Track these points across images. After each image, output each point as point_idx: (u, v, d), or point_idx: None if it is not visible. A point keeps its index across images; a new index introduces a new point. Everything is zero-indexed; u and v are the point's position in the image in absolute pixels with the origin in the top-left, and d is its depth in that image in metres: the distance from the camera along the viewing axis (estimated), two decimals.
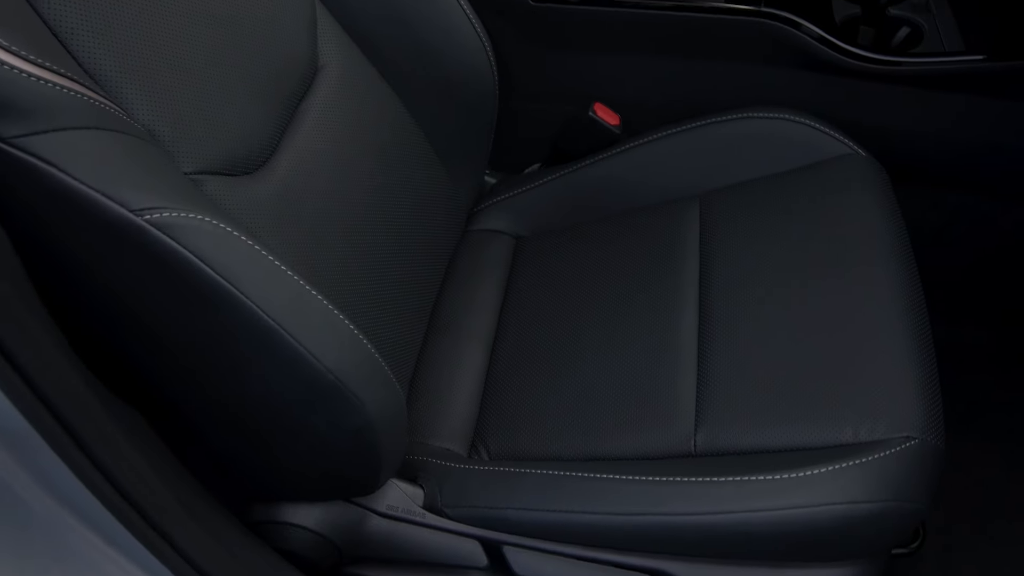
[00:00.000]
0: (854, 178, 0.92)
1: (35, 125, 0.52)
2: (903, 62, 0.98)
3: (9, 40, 0.51)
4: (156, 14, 0.65)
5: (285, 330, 0.57)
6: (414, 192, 0.92)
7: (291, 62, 0.79)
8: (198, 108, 0.67)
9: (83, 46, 0.60)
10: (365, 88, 0.88)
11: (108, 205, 0.52)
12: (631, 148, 1.03)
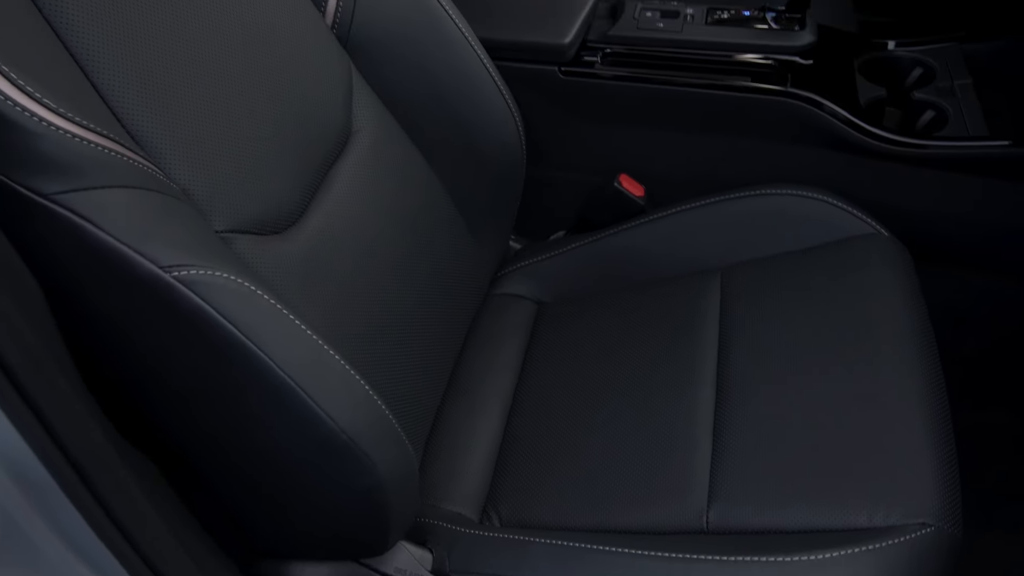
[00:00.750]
0: (876, 258, 0.92)
1: (76, 183, 0.54)
2: (928, 145, 0.99)
3: (57, 103, 0.54)
4: (200, 81, 0.68)
5: (301, 388, 0.58)
6: (439, 256, 0.93)
7: (326, 127, 0.82)
8: (233, 169, 0.69)
9: (128, 109, 0.63)
10: (396, 154, 0.90)
11: (139, 261, 0.54)
12: (655, 219, 1.04)
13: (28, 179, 0.53)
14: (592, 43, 1.08)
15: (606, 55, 1.07)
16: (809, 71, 1.03)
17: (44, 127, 0.53)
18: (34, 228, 0.55)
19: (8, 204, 0.53)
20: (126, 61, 0.63)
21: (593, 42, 1.08)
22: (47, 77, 0.55)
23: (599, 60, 1.06)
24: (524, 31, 1.06)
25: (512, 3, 1.10)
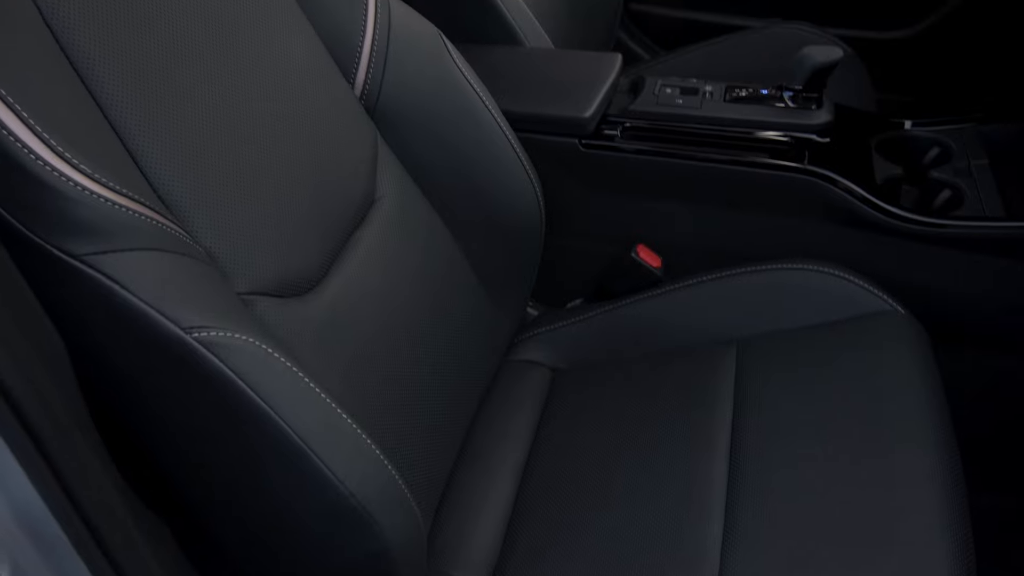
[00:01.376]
0: (893, 336, 0.92)
1: (106, 245, 0.56)
2: (944, 224, 0.99)
3: (93, 168, 0.57)
4: (231, 147, 0.71)
5: (312, 451, 0.59)
6: (457, 321, 0.95)
7: (350, 194, 0.84)
8: (258, 234, 0.72)
9: (160, 174, 0.65)
10: (417, 221, 0.93)
11: (162, 322, 0.56)
12: (672, 290, 1.05)
13: (61, 240, 0.55)
14: (612, 117, 1.10)
15: (626, 129, 1.09)
16: (826, 149, 1.05)
17: (79, 192, 0.56)
18: (62, 287, 0.57)
19: (39, 263, 0.56)
20: (161, 129, 0.66)
21: (614, 116, 1.10)
22: (84, 143, 0.58)
23: (619, 134, 1.09)
24: (546, 104, 1.09)
25: (535, 77, 1.14)
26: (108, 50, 0.64)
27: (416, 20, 0.94)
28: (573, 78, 1.13)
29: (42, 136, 0.55)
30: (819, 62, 1.03)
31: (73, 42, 0.63)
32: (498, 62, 1.14)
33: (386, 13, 0.90)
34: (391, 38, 0.90)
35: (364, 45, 0.88)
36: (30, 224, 0.56)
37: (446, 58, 0.93)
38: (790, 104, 1.07)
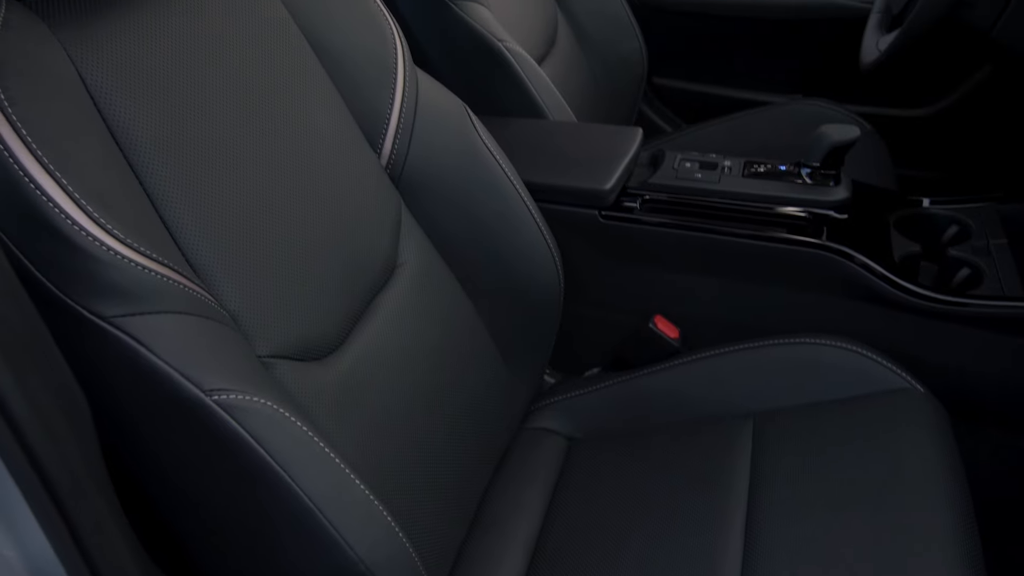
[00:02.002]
0: (911, 413, 0.92)
1: (134, 307, 0.58)
2: (963, 303, 0.99)
3: (125, 233, 0.59)
4: (259, 214, 0.74)
5: (324, 515, 0.59)
6: (474, 388, 0.95)
7: (374, 261, 0.86)
8: (281, 299, 0.74)
9: (189, 239, 0.68)
10: (437, 287, 0.94)
11: (183, 384, 0.58)
12: (689, 362, 1.05)
13: (90, 302, 0.57)
14: (632, 190, 1.12)
15: (645, 201, 1.11)
16: (844, 225, 1.06)
17: (111, 255, 0.58)
18: (88, 346, 0.59)
19: (68, 322, 0.58)
20: (192, 196, 0.69)
21: (633, 189, 1.12)
22: (119, 209, 0.61)
23: (638, 206, 1.10)
24: (567, 176, 1.11)
25: (557, 149, 1.16)
26: (146, 120, 0.67)
27: (442, 94, 0.97)
28: (594, 151, 1.15)
29: (79, 202, 0.57)
30: (836, 140, 1.05)
31: (113, 112, 0.66)
32: (521, 134, 1.17)
33: (414, 86, 0.93)
34: (418, 111, 0.93)
35: (392, 117, 0.91)
36: (62, 285, 0.58)
37: (470, 131, 0.96)
38: (808, 180, 1.09)
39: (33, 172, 0.57)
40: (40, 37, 0.63)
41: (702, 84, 1.84)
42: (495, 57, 1.22)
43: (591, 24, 1.57)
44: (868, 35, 1.29)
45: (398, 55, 0.92)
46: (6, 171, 0.56)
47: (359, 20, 0.91)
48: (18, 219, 0.57)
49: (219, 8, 0.77)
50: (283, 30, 0.84)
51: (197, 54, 0.74)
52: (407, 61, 0.93)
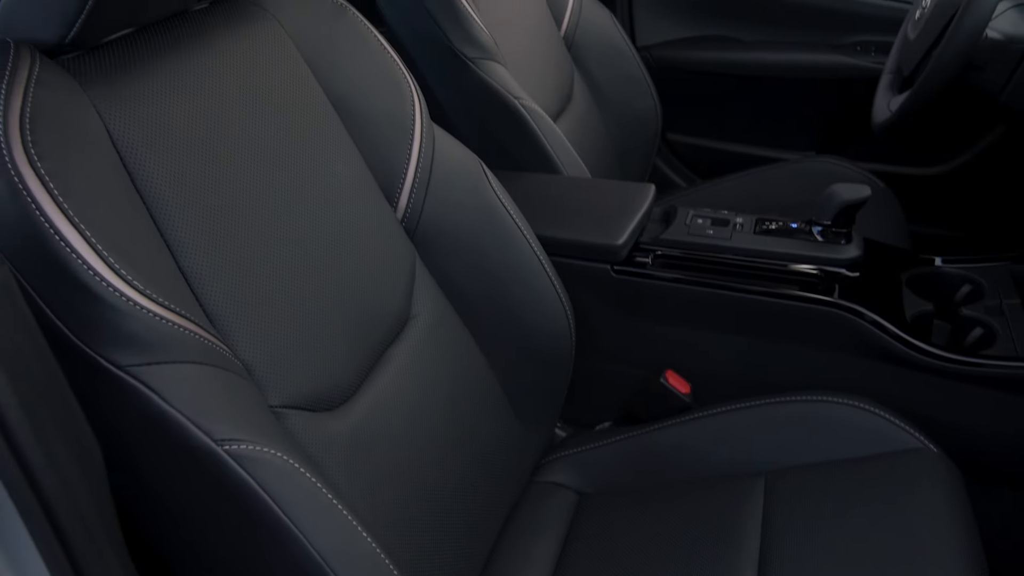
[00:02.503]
0: (924, 474, 0.91)
1: (151, 357, 0.60)
2: (976, 363, 0.99)
3: (145, 284, 0.61)
4: (276, 267, 0.75)
5: (330, 567, 0.60)
6: (484, 440, 0.96)
7: (387, 313, 0.87)
8: (295, 350, 0.75)
9: (207, 290, 0.69)
10: (449, 339, 0.95)
11: (195, 433, 0.59)
12: (700, 418, 1.05)
13: (108, 351, 0.59)
14: (644, 245, 1.13)
15: (657, 257, 1.12)
16: (856, 283, 1.06)
17: (130, 306, 0.59)
18: (103, 393, 0.60)
19: (83, 370, 0.59)
20: (211, 248, 0.70)
21: (646, 244, 1.13)
22: (139, 260, 0.62)
23: (650, 261, 1.11)
24: (580, 231, 1.12)
25: (570, 204, 1.18)
26: (169, 174, 0.70)
27: (458, 149, 0.99)
28: (607, 206, 1.17)
29: (101, 253, 0.59)
30: (847, 199, 1.06)
31: (138, 166, 0.68)
32: (536, 189, 1.19)
33: (430, 143, 0.96)
34: (434, 166, 0.95)
35: (408, 171, 0.93)
36: (81, 333, 0.59)
37: (485, 186, 0.98)
38: (819, 238, 1.10)
39: (58, 223, 0.59)
40: (71, 94, 0.66)
41: (716, 140, 1.86)
42: (511, 114, 1.24)
43: (606, 82, 1.60)
44: (879, 95, 1.30)
45: (416, 112, 0.94)
46: (32, 222, 0.58)
47: (379, 78, 0.93)
48: (41, 268, 0.59)
49: (243, 65, 0.80)
50: (304, 87, 0.86)
51: (220, 109, 0.76)
52: (424, 118, 0.95)
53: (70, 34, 0.65)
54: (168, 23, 0.77)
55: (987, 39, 1.09)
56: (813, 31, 1.73)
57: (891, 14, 1.64)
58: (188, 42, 0.77)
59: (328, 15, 0.91)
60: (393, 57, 0.95)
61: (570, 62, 1.54)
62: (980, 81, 1.12)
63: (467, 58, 1.23)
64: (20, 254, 0.59)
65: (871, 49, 1.67)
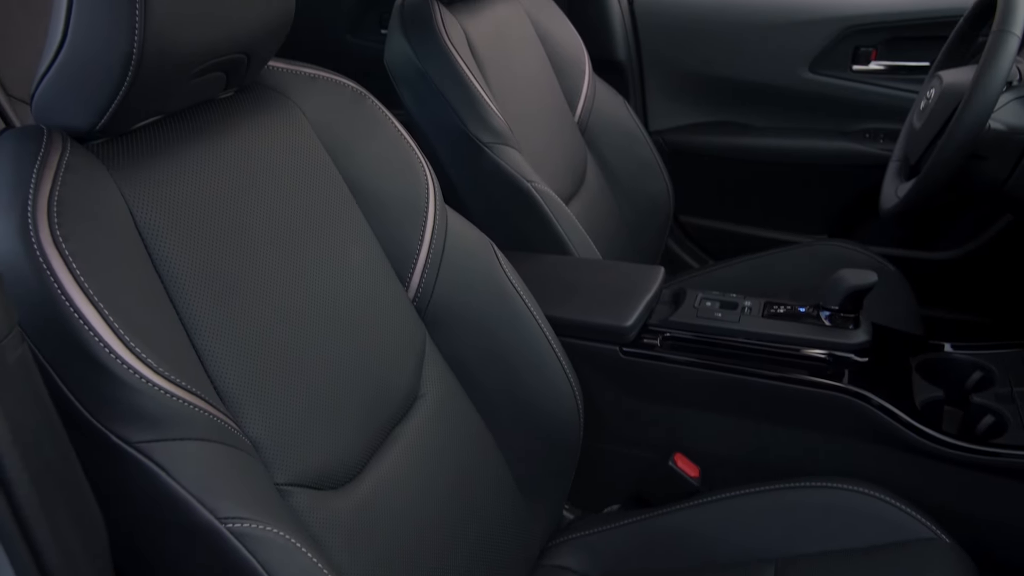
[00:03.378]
0: (936, 565, 0.89)
1: (160, 434, 0.61)
2: (987, 452, 0.98)
3: (158, 362, 0.62)
4: (289, 346, 0.77)
5: None
6: (489, 521, 0.95)
7: (395, 392, 0.88)
8: (303, 428, 0.76)
9: (220, 368, 0.71)
10: (457, 418, 0.96)
11: (199, 510, 0.60)
12: (709, 502, 1.04)
13: (118, 427, 0.60)
14: (653, 327, 1.14)
15: (666, 339, 1.13)
16: (865, 368, 1.06)
17: (143, 383, 0.61)
18: (111, 468, 0.61)
19: (93, 444, 0.61)
20: (225, 327, 0.72)
21: (655, 326, 1.14)
22: (154, 338, 0.64)
23: (659, 343, 1.12)
24: (589, 312, 1.14)
25: (580, 285, 1.20)
26: (187, 255, 0.72)
27: (470, 231, 1.02)
28: (617, 288, 1.18)
29: (118, 332, 0.61)
30: (853, 285, 1.07)
31: (159, 247, 0.71)
32: (546, 270, 1.21)
33: (443, 223, 0.98)
34: (446, 247, 0.97)
35: (421, 252, 0.96)
36: (94, 409, 0.61)
37: (496, 268, 1.00)
38: (827, 323, 1.10)
39: (79, 303, 0.61)
40: (98, 178, 0.69)
41: (728, 223, 1.89)
42: (524, 197, 1.27)
43: (619, 165, 1.63)
44: (887, 182, 1.33)
45: (430, 195, 0.97)
46: (54, 301, 0.61)
47: (395, 163, 0.96)
48: (60, 345, 0.61)
49: (265, 150, 0.83)
50: (323, 171, 0.89)
51: (241, 192, 0.79)
52: (438, 200, 0.98)
53: (100, 122, 0.69)
54: (195, 110, 0.81)
55: (990, 130, 1.11)
56: (823, 118, 1.77)
57: (898, 103, 1.68)
58: (213, 128, 0.80)
59: (348, 103, 0.95)
60: (409, 142, 0.99)
61: (584, 146, 1.58)
62: (984, 171, 1.14)
63: (482, 143, 1.27)
64: (40, 331, 0.61)
65: (880, 136, 1.71)
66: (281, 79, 0.90)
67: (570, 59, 1.60)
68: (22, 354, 0.50)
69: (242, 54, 0.77)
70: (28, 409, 0.50)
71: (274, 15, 0.78)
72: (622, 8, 1.83)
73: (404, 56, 1.28)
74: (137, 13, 0.63)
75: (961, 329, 1.65)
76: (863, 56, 1.73)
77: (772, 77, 1.78)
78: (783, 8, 1.76)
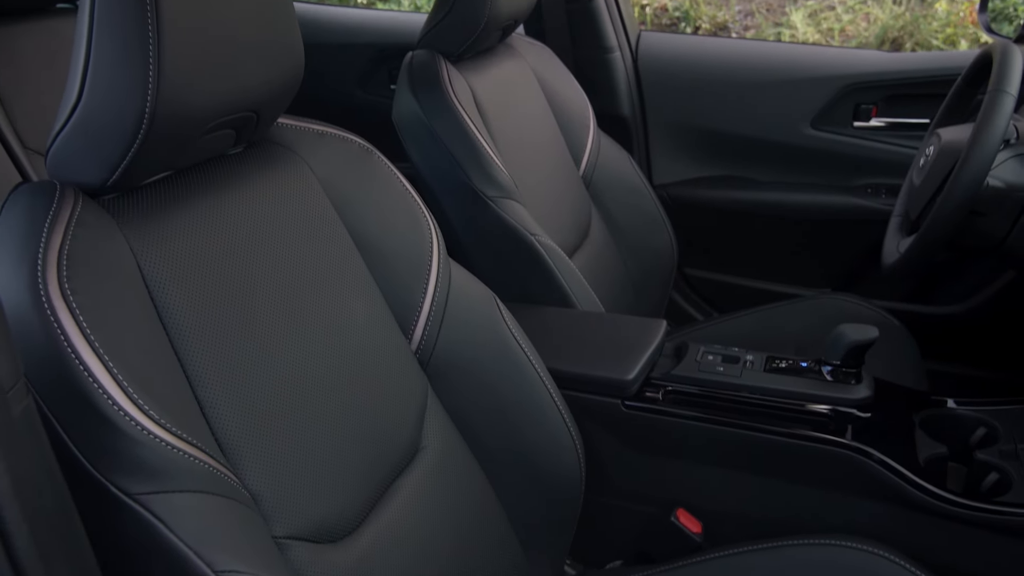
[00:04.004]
0: None
1: (160, 486, 0.62)
2: (992, 510, 0.97)
3: (160, 414, 0.63)
4: (290, 399, 0.78)
5: None
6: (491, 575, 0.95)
7: (397, 445, 0.89)
8: (303, 481, 0.76)
9: (222, 421, 0.72)
10: (457, 473, 0.96)
11: (196, 563, 0.60)
12: (711, 559, 1.03)
13: (119, 478, 0.61)
14: (655, 380, 1.14)
15: (668, 393, 1.13)
16: (868, 424, 1.06)
17: (145, 435, 0.62)
18: (108, 518, 0.62)
19: (92, 495, 0.61)
20: (228, 379, 0.73)
21: (657, 379, 1.14)
22: (157, 390, 0.65)
23: (661, 397, 1.12)
24: (591, 365, 1.14)
25: (582, 338, 1.20)
26: (193, 307, 0.73)
27: (474, 285, 1.03)
28: (619, 341, 1.19)
29: (122, 384, 0.62)
30: (854, 340, 1.07)
31: (165, 299, 0.72)
32: (549, 323, 1.22)
33: (447, 277, 0.99)
34: (449, 300, 0.98)
35: (424, 305, 0.97)
36: (94, 459, 0.62)
37: (499, 320, 1.01)
38: (828, 378, 1.10)
39: (84, 355, 0.62)
40: (108, 232, 0.70)
41: (732, 275, 1.90)
42: (528, 250, 1.29)
43: (623, 218, 1.65)
44: (889, 237, 1.34)
45: (433, 249, 0.99)
46: (60, 353, 0.62)
47: (400, 217, 0.98)
48: (64, 395, 0.62)
49: (272, 205, 0.85)
50: (329, 225, 0.91)
51: (247, 245, 0.81)
52: (441, 254, 1.00)
53: (112, 177, 0.71)
54: (204, 165, 0.83)
55: (989, 187, 1.12)
56: (825, 173, 1.79)
57: (899, 158, 1.70)
58: (221, 184, 0.82)
59: (355, 158, 0.97)
60: (414, 197, 1.00)
61: (588, 199, 1.60)
62: (984, 227, 1.15)
63: (486, 197, 1.29)
64: (46, 382, 0.62)
65: (882, 191, 1.72)
66: (289, 135, 0.93)
67: (575, 114, 1.63)
68: (27, 406, 0.51)
69: (252, 112, 0.79)
70: (30, 461, 0.50)
71: (284, 75, 0.80)
72: (626, 64, 1.86)
73: (411, 111, 1.31)
74: (151, 74, 0.65)
75: (966, 383, 1.65)
76: (864, 113, 1.75)
77: (774, 133, 1.81)
78: (784, 66, 1.79)
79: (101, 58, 0.66)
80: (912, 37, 3.78)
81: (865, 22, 3.93)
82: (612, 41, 1.84)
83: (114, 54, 0.65)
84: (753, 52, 1.88)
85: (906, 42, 3.79)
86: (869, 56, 1.79)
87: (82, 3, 0.65)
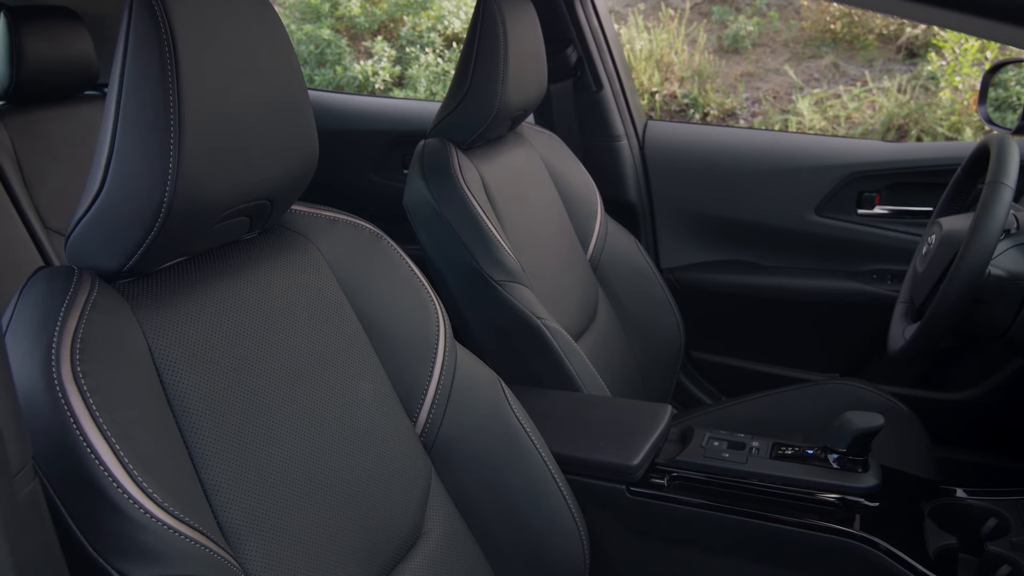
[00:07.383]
0: None
1: (159, 569, 0.62)
2: None
3: (164, 498, 0.64)
4: (293, 484, 0.78)
5: None
6: None
7: (399, 529, 0.88)
8: (303, 565, 0.76)
9: (223, 503, 0.72)
10: (460, 558, 0.95)
11: None
12: None
13: (119, 562, 0.61)
14: (661, 466, 1.14)
15: (673, 479, 1.12)
16: (876, 514, 1.05)
17: (147, 518, 0.62)
18: None
19: None
20: (233, 463, 0.74)
21: (662, 465, 1.14)
22: (161, 472, 0.66)
23: (666, 483, 1.12)
24: (596, 450, 1.14)
25: (587, 423, 1.20)
26: (201, 390, 0.75)
27: (479, 368, 1.04)
28: (624, 426, 1.19)
29: (127, 467, 0.63)
30: (859, 428, 1.07)
31: (174, 382, 0.73)
32: (554, 407, 1.22)
33: (452, 361, 1.01)
34: (455, 384, 0.99)
35: (430, 388, 0.98)
36: (95, 541, 0.62)
37: (503, 404, 1.01)
38: (835, 466, 1.09)
39: (91, 436, 0.63)
40: (121, 317, 0.72)
41: (740, 359, 1.90)
42: (534, 334, 1.30)
43: (631, 302, 1.67)
44: (895, 324, 1.34)
45: (440, 333, 1.00)
46: (68, 434, 0.63)
47: (407, 301, 1.00)
48: (69, 476, 0.63)
49: (282, 289, 0.87)
50: (337, 309, 0.93)
51: (257, 329, 0.82)
52: (448, 338, 1.01)
53: (128, 263, 0.73)
54: (218, 250, 0.85)
55: (991, 276, 1.14)
56: (830, 259, 1.81)
57: (904, 245, 1.72)
58: (234, 268, 0.85)
59: (364, 244, 0.99)
60: (422, 281, 1.02)
61: (595, 283, 1.62)
62: (988, 315, 1.16)
63: (494, 281, 1.31)
64: (52, 463, 0.63)
65: (887, 277, 1.74)
66: (302, 221, 0.95)
67: (583, 200, 1.67)
68: (33, 489, 0.52)
69: (267, 200, 0.82)
70: (33, 543, 0.51)
71: (299, 164, 0.83)
72: (633, 152, 1.91)
73: (421, 197, 1.35)
74: (171, 166, 0.68)
75: (976, 471, 1.63)
76: (867, 200, 1.78)
77: (779, 220, 1.84)
78: (788, 154, 1.83)
79: (124, 150, 0.69)
80: (917, 124, 3.86)
81: (871, 110, 4.01)
82: (619, 130, 1.89)
83: (137, 146, 0.68)
84: (757, 141, 1.92)
85: (911, 129, 3.86)
86: (872, 146, 1.83)
87: (109, 96, 0.69)
